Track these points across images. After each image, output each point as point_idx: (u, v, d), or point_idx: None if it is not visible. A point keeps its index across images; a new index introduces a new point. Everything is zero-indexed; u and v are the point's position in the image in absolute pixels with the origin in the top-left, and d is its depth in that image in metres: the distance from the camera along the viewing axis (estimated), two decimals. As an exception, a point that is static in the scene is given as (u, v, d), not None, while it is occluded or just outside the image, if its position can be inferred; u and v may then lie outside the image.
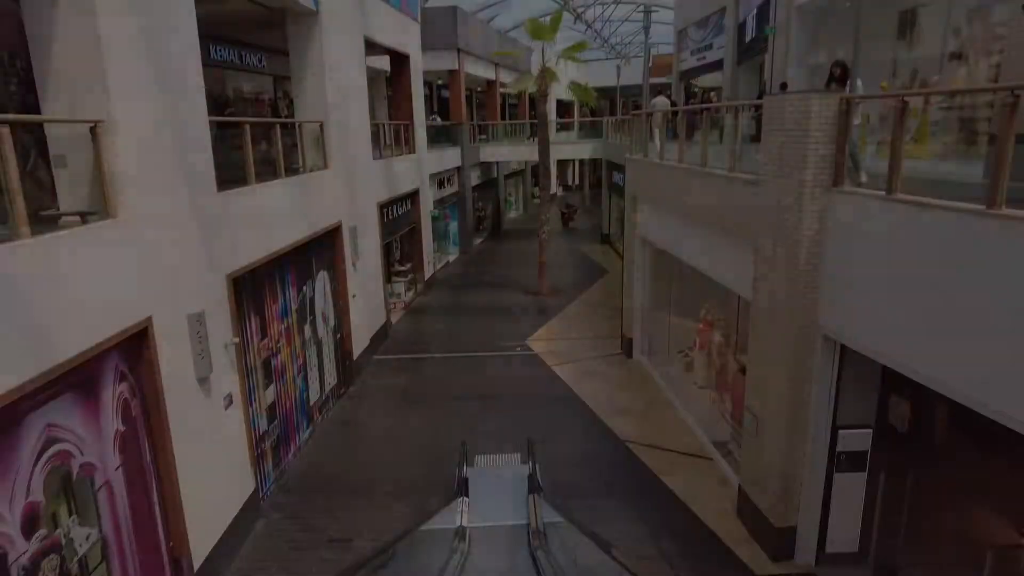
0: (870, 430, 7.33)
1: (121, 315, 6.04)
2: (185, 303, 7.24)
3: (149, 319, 6.43)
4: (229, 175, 9.08)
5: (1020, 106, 4.81)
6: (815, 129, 6.80)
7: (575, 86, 21.07)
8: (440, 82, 32.84)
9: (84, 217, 5.92)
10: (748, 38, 18.73)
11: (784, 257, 7.30)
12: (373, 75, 23.15)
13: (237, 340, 8.38)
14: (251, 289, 9.23)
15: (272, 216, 9.73)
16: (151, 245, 6.59)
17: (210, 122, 8.20)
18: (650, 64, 22.91)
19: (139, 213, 6.38)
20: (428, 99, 30.74)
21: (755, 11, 17.91)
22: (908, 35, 11.99)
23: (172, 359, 6.90)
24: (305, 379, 11.22)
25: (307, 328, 11.34)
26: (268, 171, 10.24)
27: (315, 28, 12.23)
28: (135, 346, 6.35)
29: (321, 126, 12.42)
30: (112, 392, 6.06)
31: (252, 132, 9.48)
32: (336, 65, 12.98)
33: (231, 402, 8.31)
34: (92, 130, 5.90)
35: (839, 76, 7.59)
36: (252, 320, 9.25)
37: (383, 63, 21.33)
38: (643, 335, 14.58)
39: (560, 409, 12.29)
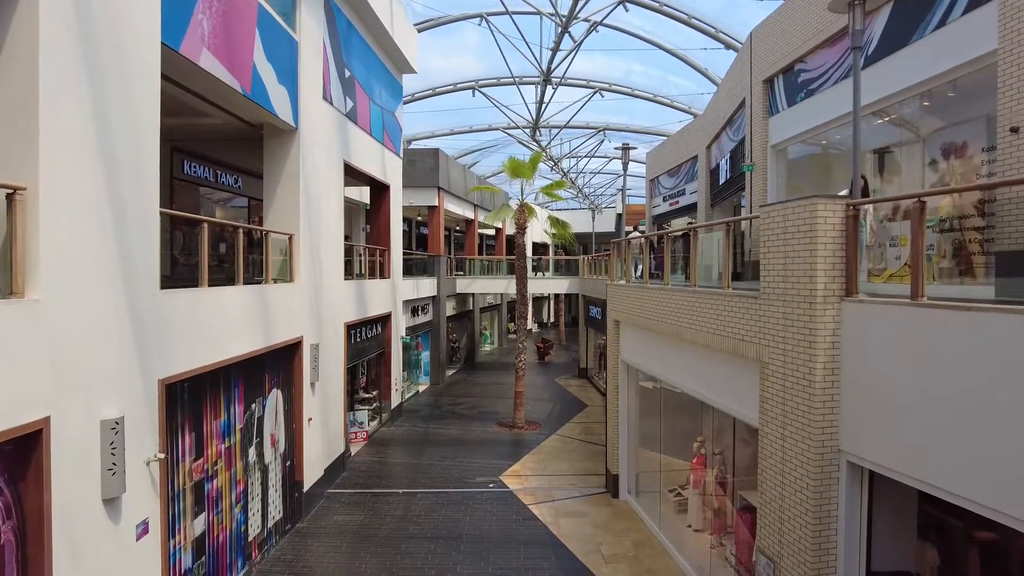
0: (912, 580, 6.19)
1: (4, 412, 4.90)
2: (100, 406, 6.11)
3: (46, 420, 5.28)
4: (190, 281, 8.38)
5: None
6: (822, 236, 6.34)
7: (554, 220, 21.27)
8: (420, 218, 33.42)
9: (-21, 292, 4.99)
10: (722, 180, 19.31)
11: (797, 375, 6.53)
12: (353, 206, 23.34)
13: (163, 456, 7.11)
14: (189, 400, 8.08)
15: (223, 323, 8.80)
16: (64, 336, 5.59)
17: (167, 218, 7.51)
18: (621, 211, 23.81)
19: (54, 297, 5.46)
20: (407, 235, 31.08)
21: (728, 156, 18.60)
22: (883, 172, 12.20)
23: (72, 472, 5.65)
24: (245, 510, 9.69)
25: (252, 451, 9.98)
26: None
27: (293, 143, 12.06)
28: (20, 452, 5.14)
29: (291, 239, 11.87)
30: (-22, 509, 4.78)
31: (217, 240, 8.84)
32: (312, 181, 12.71)
33: (146, 531, 6.87)
34: (9, 196, 5.11)
35: (862, 189, 7.46)
36: (186, 435, 8.00)
37: (364, 196, 21.47)
38: (630, 471, 13.33)
39: (539, 556, 10.74)
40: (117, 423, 6.19)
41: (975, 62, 8.10)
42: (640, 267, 13.56)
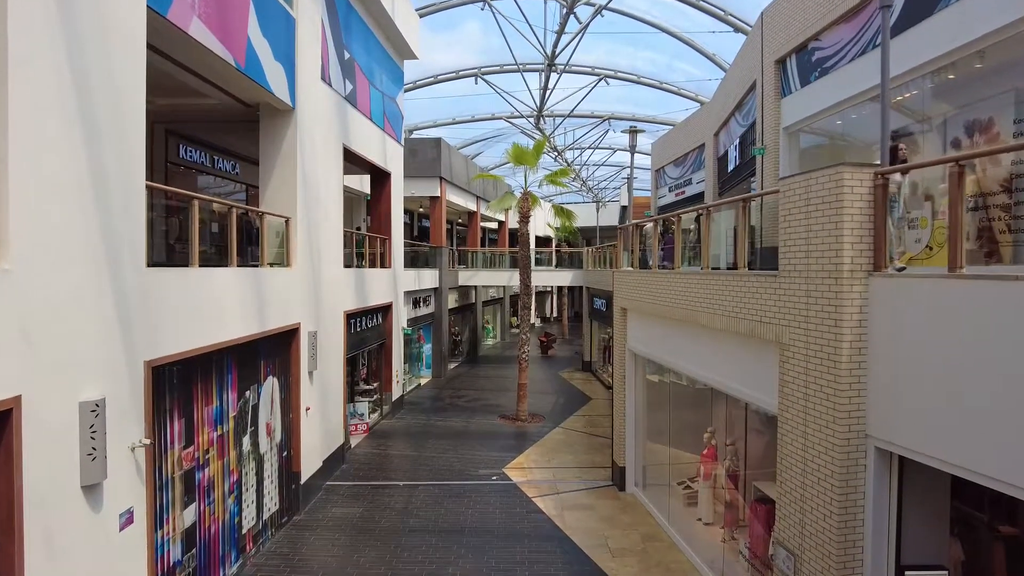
0: (945, 572, 5.78)
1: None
2: (79, 387, 5.73)
3: (17, 400, 4.91)
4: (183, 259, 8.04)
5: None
6: (849, 207, 5.94)
7: (558, 209, 20.86)
8: (422, 209, 33.02)
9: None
10: (731, 168, 18.88)
11: (820, 355, 6.14)
12: (353, 196, 22.95)
13: (149, 442, 6.74)
14: (178, 384, 7.70)
15: (215, 305, 8.42)
16: (38, 310, 5.22)
17: (161, 203, 7.12)
18: (628, 200, 23.46)
19: (26, 268, 5.08)
20: (409, 228, 30.69)
21: (737, 142, 18.16)
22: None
23: (47, 457, 5.29)
24: (239, 501, 9.32)
25: (246, 440, 9.61)
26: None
27: (290, 124, 11.67)
28: (-11, 432, 4.78)
29: (287, 222, 11.49)
30: (-60, 493, 4.41)
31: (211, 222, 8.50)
32: (310, 164, 12.33)
33: (131, 521, 6.51)
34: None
35: (902, 158, 7.12)
36: (175, 421, 7.62)
37: (364, 186, 21.06)
38: (637, 464, 12.95)
39: (544, 549, 10.37)
40: (97, 405, 5.82)
41: (1009, 28, 7.67)
42: (649, 253, 13.18)
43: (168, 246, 12.18)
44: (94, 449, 5.76)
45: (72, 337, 5.67)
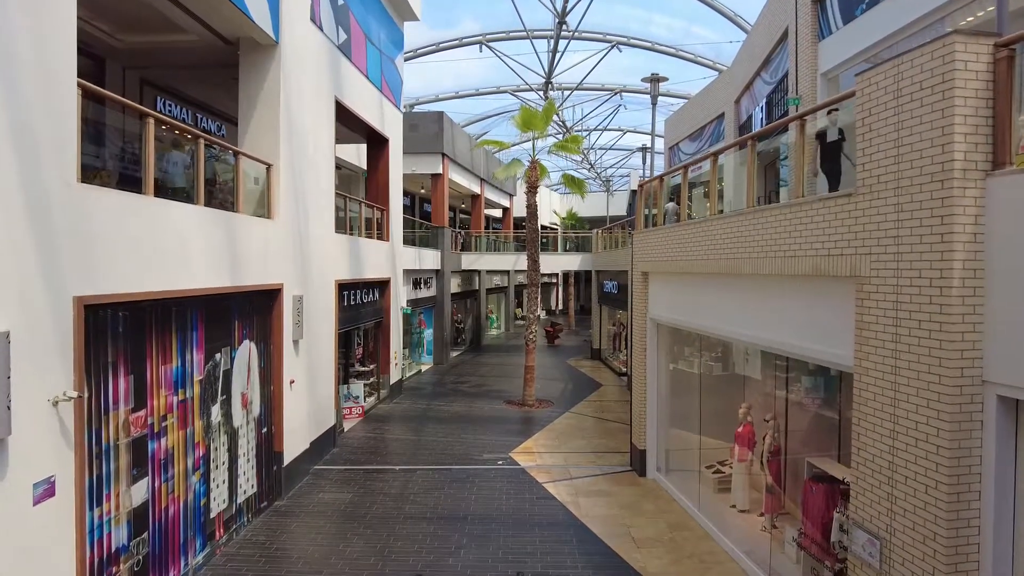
0: (1095, 561, 4.46)
1: None
2: (-29, 312, 4.45)
3: None
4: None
5: None
6: (962, 89, 4.61)
7: (568, 179, 19.56)
8: (423, 191, 31.76)
9: None
10: (755, 132, 17.54)
11: (919, 284, 4.82)
12: (351, 172, 21.72)
13: (78, 395, 5.45)
14: (126, 333, 6.41)
15: (175, 246, 7.12)
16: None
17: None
18: (639, 186, 22.42)
19: None
20: (409, 210, 29.41)
21: (763, 102, 16.84)
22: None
23: (-86, 397, 4.00)
24: (206, 479, 8.02)
25: (216, 410, 8.31)
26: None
27: (273, 61, 10.40)
28: None
29: (268, 169, 10.22)
30: None
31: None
32: (296, 110, 11.05)
33: (51, 493, 5.22)
34: None
35: None
36: (120, 377, 6.33)
37: (362, 161, 19.75)
38: (659, 447, 11.62)
39: (558, 538, 9.06)
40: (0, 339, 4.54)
41: None
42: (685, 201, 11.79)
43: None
44: (-9, 395, 4.48)
45: (-39, 250, 4.40)
